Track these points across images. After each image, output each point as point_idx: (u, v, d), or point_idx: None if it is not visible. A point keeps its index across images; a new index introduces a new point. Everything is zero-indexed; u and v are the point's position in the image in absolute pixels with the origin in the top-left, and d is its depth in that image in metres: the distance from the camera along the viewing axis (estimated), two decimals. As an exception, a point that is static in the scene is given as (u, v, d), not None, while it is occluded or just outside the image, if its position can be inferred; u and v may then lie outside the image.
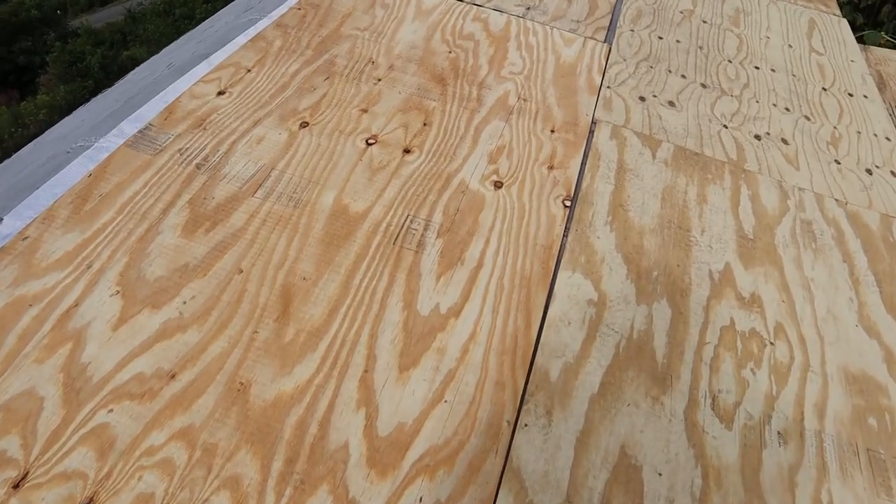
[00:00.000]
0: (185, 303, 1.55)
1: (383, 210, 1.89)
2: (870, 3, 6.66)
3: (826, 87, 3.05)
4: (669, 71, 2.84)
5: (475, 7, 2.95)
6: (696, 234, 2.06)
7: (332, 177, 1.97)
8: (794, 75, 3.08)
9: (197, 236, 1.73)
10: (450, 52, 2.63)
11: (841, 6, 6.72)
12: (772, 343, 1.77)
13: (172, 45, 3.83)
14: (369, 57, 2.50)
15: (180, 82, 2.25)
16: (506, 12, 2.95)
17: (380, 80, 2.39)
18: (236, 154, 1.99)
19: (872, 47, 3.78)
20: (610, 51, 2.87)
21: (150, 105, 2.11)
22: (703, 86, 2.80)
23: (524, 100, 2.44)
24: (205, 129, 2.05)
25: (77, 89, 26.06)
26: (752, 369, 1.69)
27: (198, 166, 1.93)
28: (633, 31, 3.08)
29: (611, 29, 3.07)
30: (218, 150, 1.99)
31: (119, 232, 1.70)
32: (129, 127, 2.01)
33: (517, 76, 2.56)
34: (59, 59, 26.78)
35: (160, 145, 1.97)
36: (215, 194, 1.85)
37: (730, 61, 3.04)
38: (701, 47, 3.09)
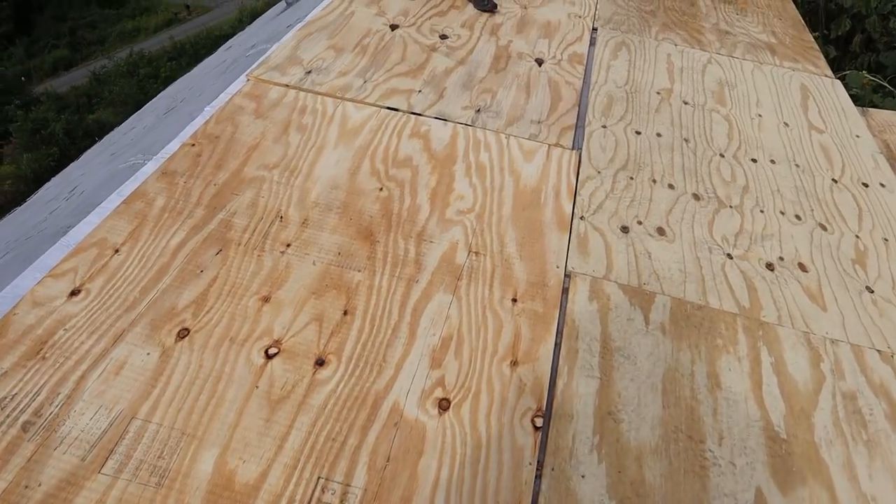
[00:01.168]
0: None
1: (283, 475, 1.35)
2: (840, 34, 6.28)
3: (836, 177, 2.56)
4: (654, 181, 2.33)
5: (413, 117, 2.44)
6: (713, 444, 1.54)
7: (214, 422, 1.42)
8: (797, 165, 2.59)
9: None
10: (381, 188, 2.11)
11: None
12: None
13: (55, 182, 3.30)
14: (277, 210, 1.98)
15: (23, 278, 1.71)
16: (451, 120, 2.45)
17: (289, 245, 1.87)
18: (84, 397, 1.44)
19: (871, 110, 3.32)
20: (580, 160, 2.37)
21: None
22: (696, 197, 2.30)
23: (476, 253, 1.92)
24: (44, 357, 1.51)
25: (42, 157, 25.49)
26: None
27: (24, 427, 1.38)
28: (605, 126, 2.58)
29: (579, 127, 2.57)
30: (58, 394, 1.44)
31: None
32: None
33: (467, 215, 2.05)
34: (21, 127, 26.23)
35: (-30, 401, 1.43)
36: (44, 477, 1.30)
37: (722, 155, 2.55)
38: (687, 140, 2.59)
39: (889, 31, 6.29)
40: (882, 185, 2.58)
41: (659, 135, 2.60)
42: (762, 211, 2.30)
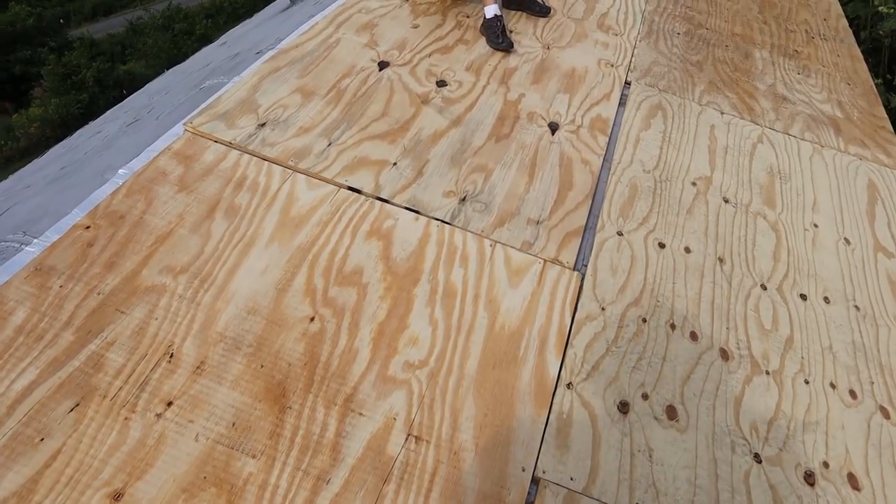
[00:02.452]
0: None
1: None
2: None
3: (906, 326, 2.02)
4: (672, 325, 1.81)
5: (378, 205, 1.93)
6: None
7: None
8: (857, 307, 2.05)
9: None
10: (313, 317, 1.61)
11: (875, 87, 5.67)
12: None
13: None
14: (169, 343, 1.49)
15: None
16: (425, 213, 1.94)
17: (170, 404, 1.39)
18: None
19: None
20: (582, 286, 1.85)
21: None
22: (725, 355, 1.77)
23: (418, 438, 1.42)
24: None
25: (70, 102, 25.17)
26: None
27: None
28: (621, 234, 2.05)
29: (588, 231, 2.04)
30: None
31: None
32: None
33: (417, 372, 1.55)
34: (53, 71, 25.85)
35: None
36: None
37: (764, 287, 2.01)
38: (722, 260, 2.06)
39: (963, 84, 5.62)
40: (962, 341, 2.03)
41: (688, 250, 2.07)
42: (807, 381, 1.78)
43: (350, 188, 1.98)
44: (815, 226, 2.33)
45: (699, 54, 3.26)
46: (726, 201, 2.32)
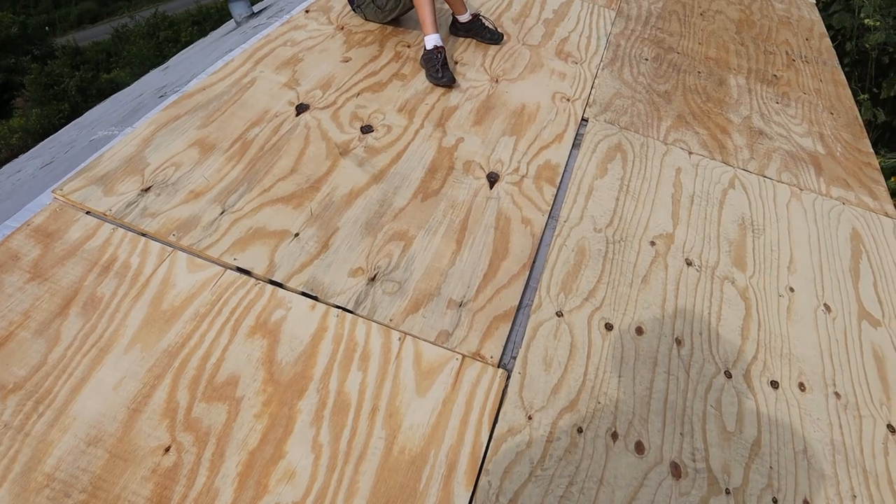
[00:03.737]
0: None
1: None
2: (893, 94, 5.35)
3: (894, 422, 1.73)
4: (615, 435, 1.52)
5: (269, 290, 1.63)
6: None
7: None
8: (837, 395, 1.76)
9: None
10: (169, 446, 1.31)
11: (859, 103, 5.39)
12: None
13: None
14: (-29, 495, 1.19)
15: None
16: (325, 300, 1.64)
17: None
18: None
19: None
20: (506, 389, 1.55)
21: None
22: (676, 471, 1.48)
23: None
24: None
25: (52, 113, 24.81)
26: None
27: None
28: (560, 314, 1.75)
29: (521, 312, 1.75)
30: None
31: None
32: None
33: (289, 519, 1.24)
34: (35, 81, 25.48)
35: None
36: None
37: (728, 374, 1.72)
38: (680, 341, 1.76)
39: (952, 99, 5.36)
40: (960, 434, 1.74)
41: (640, 331, 1.77)
42: (775, 500, 1.48)
43: (239, 269, 1.67)
44: (791, 290, 2.03)
45: (668, 83, 2.96)
46: (689, 264, 2.02)
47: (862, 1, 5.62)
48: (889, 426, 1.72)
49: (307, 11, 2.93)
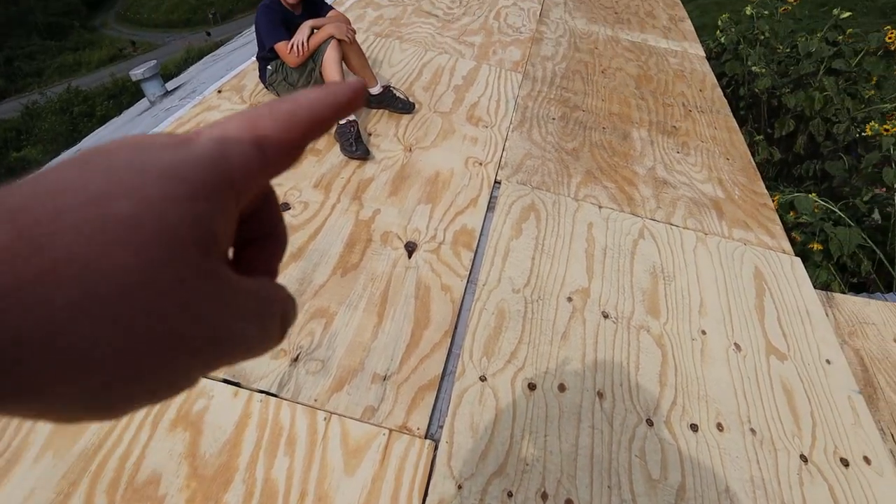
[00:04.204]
0: None
1: None
2: (784, 133, 5.74)
3: (806, 452, 1.82)
4: (544, 496, 1.54)
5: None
6: None
7: None
8: (753, 430, 1.84)
9: None
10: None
11: (756, 143, 5.77)
12: None
13: None
14: None
15: None
16: (247, 385, 1.62)
17: None
18: None
19: (837, 298, 2.62)
20: (435, 459, 1.55)
21: None
22: (606, 527, 1.50)
23: None
24: None
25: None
26: None
27: None
28: (484, 379, 1.78)
29: (446, 380, 1.77)
30: None
31: None
32: None
33: None
34: (-61, 163, 24.52)
35: None
36: None
37: (650, 423, 1.77)
38: (602, 394, 1.82)
39: (832, 137, 5.78)
40: (866, 459, 1.84)
41: (563, 388, 1.81)
42: (704, 545, 1.52)
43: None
44: (703, 333, 2.13)
45: (575, 140, 3.11)
46: (606, 316, 2.09)
47: (748, 50, 6.04)
48: (801, 456, 1.80)
49: (220, 91, 2.95)
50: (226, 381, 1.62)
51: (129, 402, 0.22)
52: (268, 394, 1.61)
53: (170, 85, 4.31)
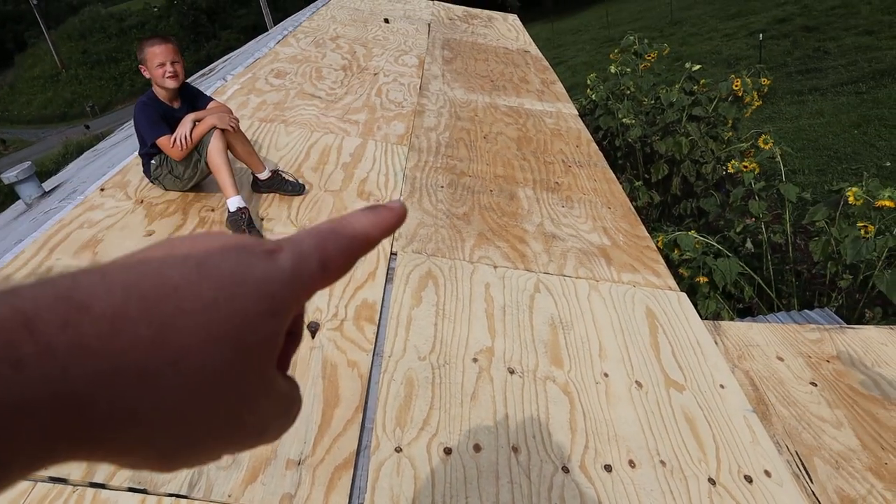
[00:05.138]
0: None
1: None
2: (660, 177, 6.17)
3: (713, 475, 1.91)
4: (470, 559, 1.53)
5: (91, 493, 1.52)
6: None
7: None
8: (662, 462, 1.91)
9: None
10: None
11: (636, 189, 6.15)
12: None
13: None
14: None
15: None
16: (154, 492, 1.54)
17: None
18: None
19: (723, 325, 2.80)
20: (358, 536, 1.52)
21: None
22: (534, 581, 1.50)
23: None
24: None
25: None
26: None
27: None
28: (399, 450, 1.79)
29: (361, 456, 1.75)
30: None
31: None
32: None
33: None
34: None
35: None
36: None
37: (566, 470, 1.82)
38: (517, 449, 1.85)
39: (702, 176, 6.25)
40: (767, 473, 1.95)
41: (478, 448, 1.83)
42: (630, 583, 1.55)
43: (51, 479, 1.55)
44: (606, 375, 2.22)
45: (465, 205, 3.22)
46: (512, 372, 2.15)
47: (617, 105, 6.49)
48: (710, 479, 1.89)
49: (102, 189, 2.89)
50: (131, 489, 1.55)
51: (185, 463, 0.27)
52: (178, 496, 1.55)
53: (48, 185, 4.16)
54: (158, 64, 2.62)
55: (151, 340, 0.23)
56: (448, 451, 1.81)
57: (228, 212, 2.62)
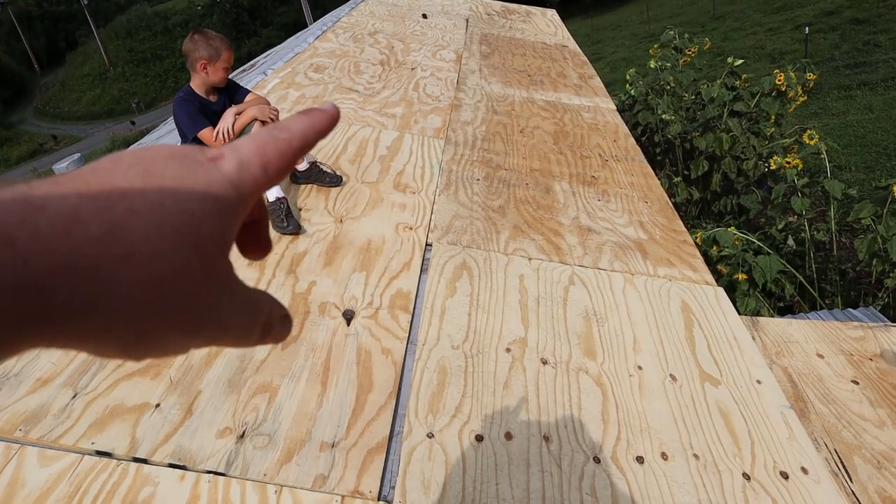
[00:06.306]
0: None
1: None
2: (700, 174, 6.06)
3: (747, 470, 1.89)
4: (500, 544, 1.54)
5: (134, 468, 1.57)
6: None
7: None
8: (696, 456, 1.90)
9: None
10: None
11: (675, 185, 6.07)
12: None
13: None
14: None
15: None
16: (194, 468, 1.60)
17: None
18: None
19: (762, 321, 2.75)
20: (390, 518, 1.55)
21: None
22: (564, 567, 1.51)
23: None
24: None
25: None
26: None
27: None
28: (431, 436, 1.81)
29: (394, 441, 1.78)
30: None
31: None
32: None
33: None
34: None
35: None
36: None
37: (597, 460, 1.82)
38: (548, 438, 1.86)
39: (743, 173, 6.14)
40: (804, 470, 1.92)
41: (509, 436, 1.85)
42: (660, 573, 1.55)
43: (98, 453, 1.61)
44: (640, 368, 2.21)
45: (500, 198, 3.23)
46: (545, 363, 2.15)
47: (657, 100, 6.41)
48: (744, 474, 1.87)
49: (146, 182, 2.97)
50: (171, 465, 1.60)
51: (147, 352, 0.29)
52: (216, 473, 1.60)
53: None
54: (225, 67, 2.70)
55: (103, 238, 0.26)
56: (479, 439, 1.83)
57: (267, 201, 2.67)
